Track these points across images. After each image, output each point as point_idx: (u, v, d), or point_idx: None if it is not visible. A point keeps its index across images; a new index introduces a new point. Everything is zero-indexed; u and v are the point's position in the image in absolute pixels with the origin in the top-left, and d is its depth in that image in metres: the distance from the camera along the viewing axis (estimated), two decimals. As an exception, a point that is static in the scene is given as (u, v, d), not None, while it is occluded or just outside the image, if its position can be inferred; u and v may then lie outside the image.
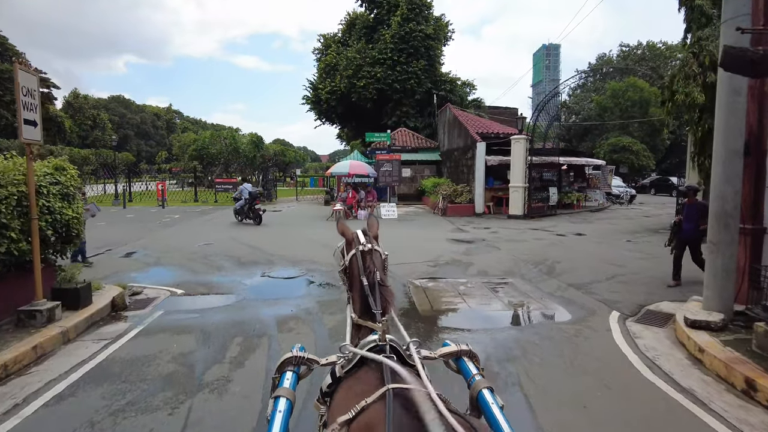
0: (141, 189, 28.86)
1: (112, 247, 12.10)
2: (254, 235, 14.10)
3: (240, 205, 16.90)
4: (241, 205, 16.84)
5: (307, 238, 13.39)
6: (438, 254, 10.80)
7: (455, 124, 23.79)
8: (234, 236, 13.62)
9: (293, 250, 11.48)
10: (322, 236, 13.68)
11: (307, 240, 13.14)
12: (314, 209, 22.96)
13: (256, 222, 16.51)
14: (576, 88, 67.12)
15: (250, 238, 13.43)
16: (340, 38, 39.83)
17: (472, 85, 37.04)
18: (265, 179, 27.58)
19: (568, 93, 67.49)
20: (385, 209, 18.43)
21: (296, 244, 12.46)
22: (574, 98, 63.40)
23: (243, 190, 17.08)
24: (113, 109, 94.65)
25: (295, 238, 13.61)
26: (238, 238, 13.36)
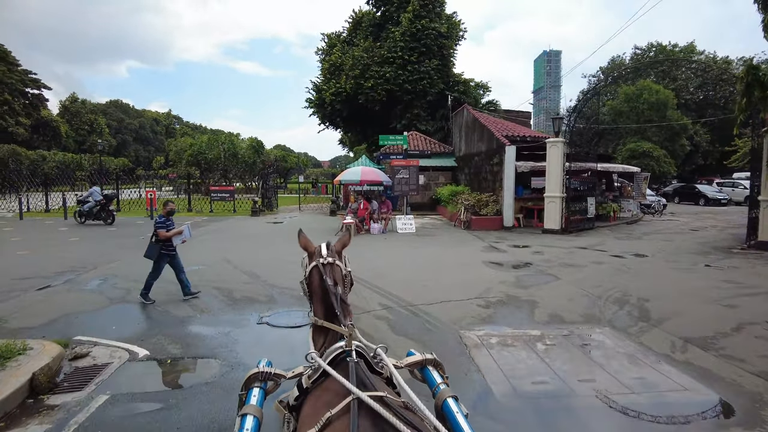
0: (134, 196, 26.56)
1: (77, 271, 9.81)
2: (251, 256, 11.79)
3: (89, 206, 18.01)
4: (90, 207, 17.98)
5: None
6: (484, 286, 8.49)
7: (475, 126, 21.55)
8: (228, 258, 11.31)
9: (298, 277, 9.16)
10: (333, 258, 11.35)
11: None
12: (319, 221, 20.66)
13: (107, 222, 18.09)
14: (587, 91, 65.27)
15: (245, 260, 11.12)
16: (345, 37, 37.73)
17: (486, 87, 34.85)
18: (266, 186, 25.32)
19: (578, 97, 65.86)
20: (401, 222, 16.13)
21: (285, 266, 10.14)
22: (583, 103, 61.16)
23: (93, 193, 18.43)
24: (111, 114, 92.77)
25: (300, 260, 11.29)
26: (231, 260, 11.05)
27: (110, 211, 18.40)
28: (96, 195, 18.36)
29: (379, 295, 7.92)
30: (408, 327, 6.30)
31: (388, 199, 17.28)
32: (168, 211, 7.83)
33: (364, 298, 7.70)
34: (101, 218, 18.15)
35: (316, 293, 2.17)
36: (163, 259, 7.70)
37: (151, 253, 7.63)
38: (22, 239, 14.38)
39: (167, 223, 7.71)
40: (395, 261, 11.11)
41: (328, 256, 2.25)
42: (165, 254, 7.70)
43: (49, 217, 21.73)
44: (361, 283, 8.72)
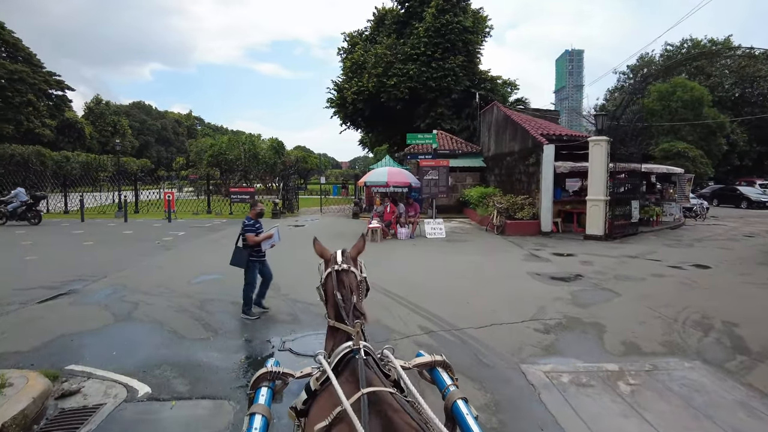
0: (154, 197, 26.03)
1: (85, 280, 9.03)
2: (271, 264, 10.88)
3: (13, 207, 18.10)
4: (15, 207, 18.09)
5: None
6: (537, 304, 7.41)
7: (506, 124, 20.37)
8: (246, 266, 10.41)
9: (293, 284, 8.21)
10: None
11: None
12: (342, 224, 19.73)
13: (33, 222, 18.22)
14: (614, 90, 63.37)
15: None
16: (368, 35, 36.86)
17: (513, 84, 33.55)
18: (286, 187, 24.50)
19: (605, 97, 63.93)
20: (430, 226, 15.08)
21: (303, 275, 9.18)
22: (612, 101, 59.45)
23: (18, 194, 18.44)
24: (134, 115, 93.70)
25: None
26: (250, 268, 10.14)
27: (37, 212, 18.70)
28: (21, 196, 18.50)
29: (416, 314, 6.90)
30: (458, 359, 5.27)
31: (416, 202, 16.23)
32: (257, 213, 7.09)
33: (400, 318, 6.69)
34: (26, 218, 18.31)
35: (330, 299, 2.21)
36: (253, 267, 6.94)
37: (239, 261, 6.88)
38: (33, 243, 13.77)
39: (256, 225, 6.94)
40: (429, 271, 10.07)
41: (343, 263, 2.28)
42: (255, 261, 6.94)
43: (67, 218, 21.27)
44: (394, 298, 7.73)
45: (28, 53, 42.42)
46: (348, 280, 2.21)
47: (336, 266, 2.25)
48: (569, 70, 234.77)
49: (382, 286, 8.44)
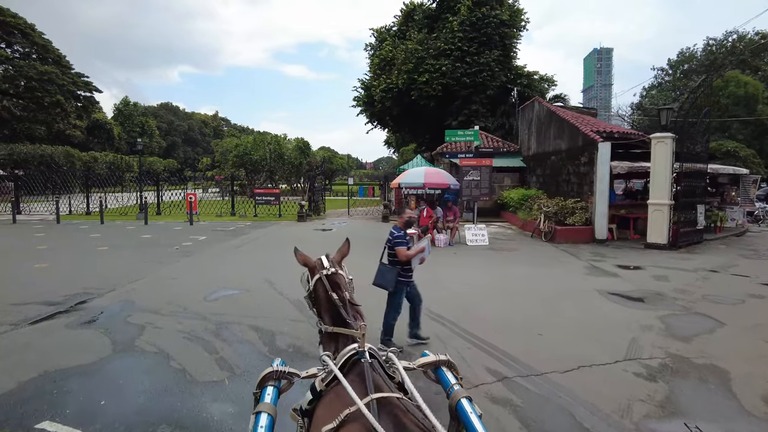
0: (177, 198, 25.22)
1: (90, 294, 8.00)
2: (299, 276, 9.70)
3: None
4: None
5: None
6: (625, 336, 5.98)
7: (550, 121, 18.81)
8: (271, 279, 9.22)
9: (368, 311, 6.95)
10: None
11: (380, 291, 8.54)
12: (372, 228, 18.47)
13: None
14: (651, 87, 60.57)
15: (292, 282, 9.01)
16: (396, 31, 35.58)
17: (551, 80, 31.80)
18: (312, 188, 23.39)
19: (641, 93, 61.17)
20: (471, 233, 13.68)
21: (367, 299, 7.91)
22: (650, 99, 56.85)
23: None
24: (162, 116, 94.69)
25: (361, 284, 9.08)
26: (275, 283, 8.96)
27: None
28: None
29: (479, 349, 5.56)
30: (549, 423, 3.93)
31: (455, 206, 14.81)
32: (406, 222, 5.89)
33: (460, 355, 5.36)
34: None
35: (323, 304, 2.17)
36: (402, 289, 5.66)
37: (387, 281, 5.58)
38: (48, 248, 12.92)
39: (407, 237, 5.66)
40: (479, 287, 8.70)
41: (330, 267, 2.28)
42: (404, 282, 5.65)
43: (88, 220, 20.61)
44: (446, 324, 6.42)
45: (57, 55, 42.56)
46: (339, 282, 2.21)
47: (325, 271, 2.24)
48: (598, 69, 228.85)
49: (428, 306, 7.13)
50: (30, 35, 39.94)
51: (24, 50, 41.09)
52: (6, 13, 37.93)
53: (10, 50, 40.82)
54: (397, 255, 5.50)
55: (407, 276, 5.64)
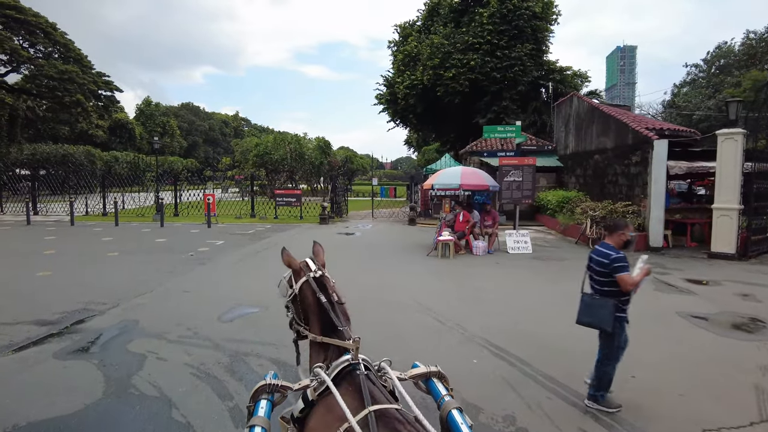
0: (196, 198, 24.35)
1: (91, 311, 7.03)
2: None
3: None
4: None
5: (417, 305, 7.59)
6: (745, 381, 4.71)
7: (592, 118, 17.39)
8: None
9: (404, 342, 5.77)
10: (441, 304, 7.90)
11: (421, 312, 7.34)
12: (399, 232, 17.30)
13: None
14: (683, 84, 58.18)
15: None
16: (420, 27, 34.35)
17: (585, 76, 30.16)
18: (334, 189, 22.32)
19: (673, 91, 58.75)
20: (512, 239, 12.40)
21: (406, 325, 6.72)
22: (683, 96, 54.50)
23: None
24: (183, 116, 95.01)
25: (395, 304, 7.89)
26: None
27: None
28: None
29: (561, 399, 4.34)
30: None
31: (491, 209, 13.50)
32: (624, 241, 4.35)
33: (541, 410, 4.14)
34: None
35: (312, 309, 2.08)
36: (622, 328, 4.20)
37: (600, 318, 4.15)
38: (56, 252, 12.07)
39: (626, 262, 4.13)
40: (537, 309, 7.43)
41: (318, 270, 2.16)
42: (622, 318, 4.20)
43: (103, 221, 19.88)
44: (512, 361, 5.20)
45: (78, 54, 42.37)
46: (327, 285, 2.12)
47: (311, 273, 2.13)
48: (620, 67, 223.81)
49: (483, 335, 5.94)
50: (51, 34, 39.79)
51: (46, 50, 40.99)
52: (28, 12, 37.80)
53: (33, 50, 40.77)
54: (621, 284, 4.08)
55: (625, 310, 4.21)
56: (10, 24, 37.47)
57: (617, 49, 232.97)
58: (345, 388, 1.70)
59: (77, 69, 39.53)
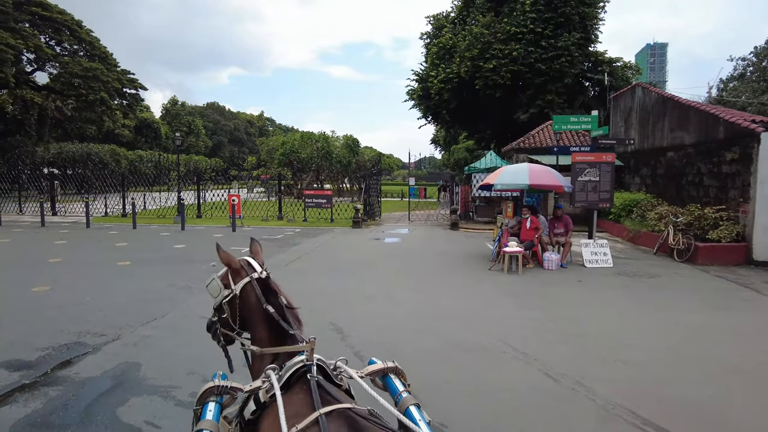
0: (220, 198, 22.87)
1: (84, 346, 5.48)
2: (372, 313, 6.82)
3: None
4: None
5: (507, 348, 5.76)
6: None
7: (664, 110, 15.29)
8: (337, 321, 6.40)
9: (516, 417, 3.98)
10: (538, 345, 6.08)
11: (519, 360, 5.51)
12: (443, 239, 15.48)
13: None
14: (729, 80, 54.93)
15: (366, 326, 6.17)
16: (454, 18, 32.45)
17: (636, 68, 27.82)
18: (367, 190, 20.61)
19: (718, 86, 55.43)
20: (589, 251, 10.46)
21: (507, 386, 4.92)
22: (731, 91, 51.33)
23: None
24: (208, 115, 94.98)
25: (475, 347, 6.09)
26: (344, 328, 6.15)
27: None
28: None
29: None
30: None
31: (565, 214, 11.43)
32: None
33: None
34: None
35: (256, 314, 1.93)
36: None
37: None
38: (61, 261, 10.64)
39: None
40: (664, 351, 5.53)
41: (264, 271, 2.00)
42: None
43: (122, 223, 18.61)
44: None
45: (104, 52, 41.77)
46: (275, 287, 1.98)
47: (255, 274, 1.97)
48: (650, 65, 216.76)
49: (622, 401, 4.11)
50: (77, 32, 39.22)
51: (71, 47, 40.48)
52: (53, 10, 37.27)
53: (59, 48, 40.32)
54: None
55: None
56: (35, 21, 37.02)
57: (647, 47, 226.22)
58: (297, 389, 1.63)
59: (102, 66, 38.86)
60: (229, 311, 2.00)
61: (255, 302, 1.93)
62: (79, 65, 37.34)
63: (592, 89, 28.26)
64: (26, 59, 39.10)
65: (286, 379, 1.67)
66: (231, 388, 1.83)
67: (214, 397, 1.81)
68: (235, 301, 1.97)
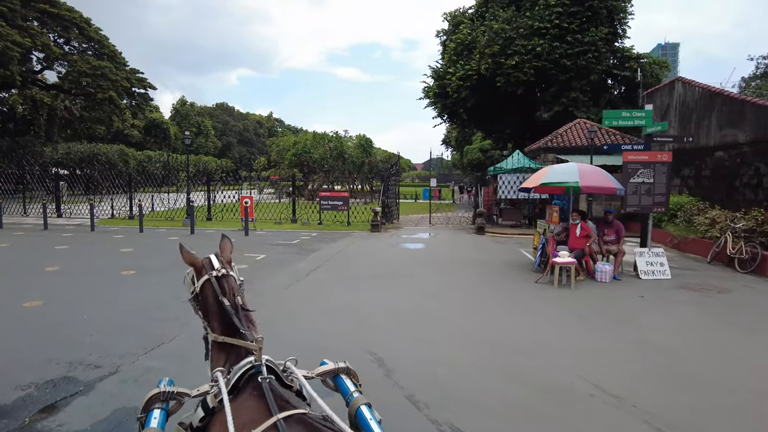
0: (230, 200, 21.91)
1: (74, 383, 4.51)
2: (415, 336, 5.78)
3: None
4: None
5: (599, 393, 4.68)
6: None
7: (711, 106, 14.16)
8: (372, 346, 5.37)
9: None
10: (638, 389, 5.01)
11: (622, 414, 4.43)
12: (470, 245, 14.40)
13: None
14: (752, 78, 53.48)
15: (409, 353, 5.12)
16: (472, 14, 31.40)
17: (665, 64, 26.60)
18: (386, 191, 19.57)
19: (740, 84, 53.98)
20: (644, 260, 9.35)
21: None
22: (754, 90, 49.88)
23: None
24: (217, 116, 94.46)
25: (556, 389, 5.03)
26: (382, 356, 5.13)
27: None
28: None
29: None
30: None
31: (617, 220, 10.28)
32: None
33: None
34: None
35: (212, 309, 1.93)
36: None
37: None
38: (60, 269, 9.69)
39: None
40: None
41: (222, 268, 1.99)
42: None
43: (128, 226, 17.72)
44: None
45: (113, 50, 41.04)
46: (229, 285, 1.97)
47: (214, 272, 1.97)
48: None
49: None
50: (86, 30, 38.53)
51: (81, 46, 39.83)
52: (62, 7, 36.60)
53: (68, 47, 39.69)
54: None
55: None
56: (43, 19, 36.36)
57: (658, 47, 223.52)
58: (249, 393, 1.59)
59: (110, 65, 38.12)
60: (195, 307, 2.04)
61: (212, 300, 1.93)
62: (88, 63, 36.63)
63: (617, 87, 27.09)
64: (35, 58, 38.53)
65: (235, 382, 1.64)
66: (177, 393, 1.81)
67: (160, 403, 1.77)
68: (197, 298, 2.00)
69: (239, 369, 1.67)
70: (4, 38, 29.95)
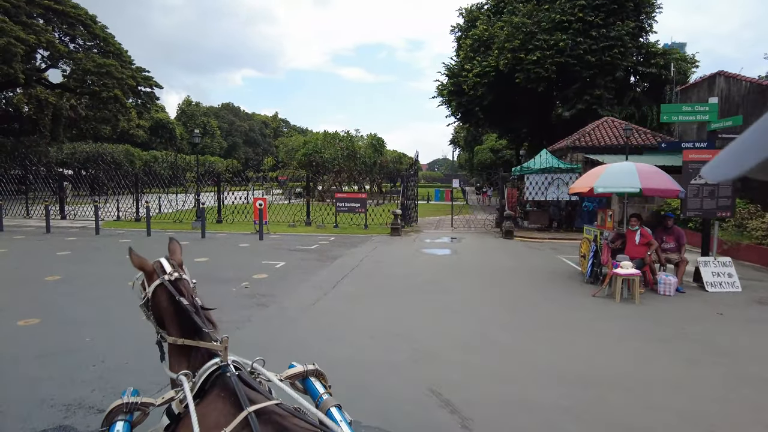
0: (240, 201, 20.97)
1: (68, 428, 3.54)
2: (482, 376, 4.83)
3: None
4: None
5: None
6: None
7: (762, 101, 13.14)
8: (439, 387, 4.43)
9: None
10: None
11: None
12: (501, 250, 13.44)
13: None
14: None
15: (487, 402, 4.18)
16: (489, 9, 30.43)
17: (693, 60, 25.54)
18: (404, 192, 18.62)
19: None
20: (710, 270, 8.37)
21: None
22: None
23: None
24: (223, 116, 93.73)
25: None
26: (453, 397, 4.18)
27: None
28: None
29: None
30: None
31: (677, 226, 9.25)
32: None
33: None
34: None
35: (168, 313, 1.85)
36: None
37: None
38: (61, 279, 8.81)
39: None
40: None
41: (174, 272, 1.93)
42: None
43: (135, 228, 16.86)
44: None
45: (118, 48, 40.33)
46: (185, 288, 1.90)
47: (167, 276, 1.90)
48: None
49: None
50: (91, 27, 37.84)
51: (86, 44, 39.13)
52: (67, 4, 35.88)
53: (73, 45, 39.00)
54: None
55: None
56: (48, 16, 35.68)
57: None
58: (217, 394, 1.54)
59: (116, 63, 37.39)
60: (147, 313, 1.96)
61: (167, 304, 1.85)
62: (93, 61, 35.91)
63: (640, 83, 26.06)
64: (40, 56, 37.86)
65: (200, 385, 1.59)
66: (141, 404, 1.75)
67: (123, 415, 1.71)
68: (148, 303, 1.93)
69: (205, 371, 1.62)
70: (6, 34, 29.20)
